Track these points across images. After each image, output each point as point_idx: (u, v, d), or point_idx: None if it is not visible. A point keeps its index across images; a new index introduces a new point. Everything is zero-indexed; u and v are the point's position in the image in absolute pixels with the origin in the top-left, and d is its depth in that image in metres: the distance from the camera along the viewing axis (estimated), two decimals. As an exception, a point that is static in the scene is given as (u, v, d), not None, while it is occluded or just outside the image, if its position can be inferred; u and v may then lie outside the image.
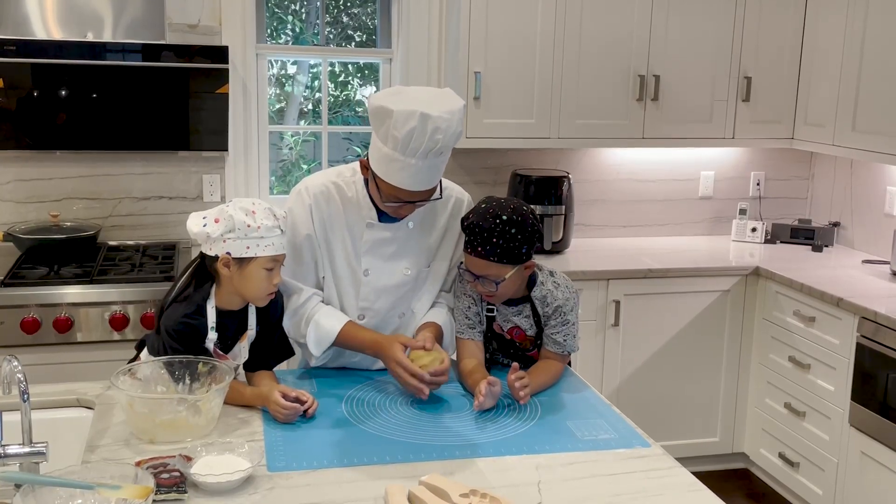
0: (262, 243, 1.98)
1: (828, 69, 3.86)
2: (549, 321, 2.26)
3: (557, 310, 2.24)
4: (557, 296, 2.24)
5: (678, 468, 1.83)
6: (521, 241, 2.12)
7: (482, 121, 3.75)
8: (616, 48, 3.83)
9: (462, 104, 2.07)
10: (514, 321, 2.28)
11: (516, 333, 2.30)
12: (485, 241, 2.10)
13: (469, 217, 2.16)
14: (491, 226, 2.10)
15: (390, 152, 2.01)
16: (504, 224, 2.10)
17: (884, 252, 3.90)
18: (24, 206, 3.66)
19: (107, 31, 3.49)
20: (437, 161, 2.05)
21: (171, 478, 1.65)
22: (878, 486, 3.15)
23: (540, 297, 2.24)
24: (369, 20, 4.29)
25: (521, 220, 2.12)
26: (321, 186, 2.23)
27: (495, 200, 2.17)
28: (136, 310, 3.16)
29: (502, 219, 2.10)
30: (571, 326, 2.27)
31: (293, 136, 4.91)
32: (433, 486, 1.64)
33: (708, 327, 3.84)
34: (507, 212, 2.12)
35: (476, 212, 2.16)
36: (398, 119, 1.97)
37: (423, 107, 1.97)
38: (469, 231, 2.14)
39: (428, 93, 2.09)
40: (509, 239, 2.10)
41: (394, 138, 1.99)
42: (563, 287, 2.26)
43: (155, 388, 1.97)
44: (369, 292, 2.25)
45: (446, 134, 2.00)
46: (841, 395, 3.34)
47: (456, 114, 2.02)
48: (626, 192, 4.32)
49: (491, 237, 2.10)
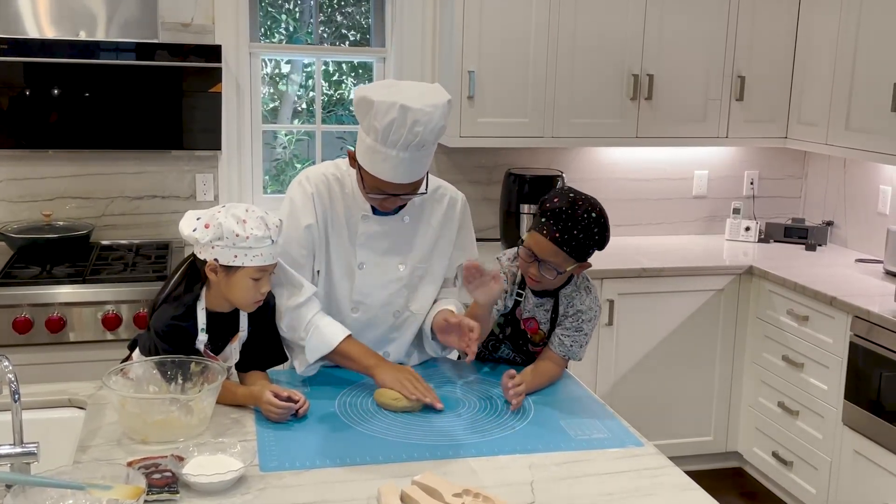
0: (250, 253, 1.96)
1: (821, 69, 3.86)
2: (565, 322, 2.26)
3: (577, 314, 2.25)
4: (584, 300, 2.25)
5: (671, 467, 1.83)
6: (596, 241, 2.14)
7: (476, 120, 3.75)
8: (610, 47, 3.83)
9: (446, 99, 2.05)
10: (533, 313, 2.28)
11: (530, 325, 2.29)
12: (567, 230, 2.10)
13: (554, 201, 2.14)
14: (578, 216, 2.10)
15: (372, 143, 2.01)
16: (590, 220, 2.11)
17: (877, 251, 3.91)
18: (16, 206, 3.65)
19: (99, 29, 3.48)
20: (419, 154, 2.03)
21: (163, 478, 1.65)
22: (872, 485, 3.16)
23: (567, 296, 2.25)
24: (363, 19, 4.29)
25: (604, 221, 2.14)
26: (321, 177, 2.22)
27: (583, 194, 2.16)
28: (129, 309, 3.15)
29: (591, 216, 2.11)
30: (583, 336, 2.27)
31: (287, 135, 4.89)
32: (426, 485, 1.64)
33: (702, 326, 3.84)
34: (597, 210, 2.13)
35: (563, 197, 2.14)
36: (379, 110, 1.98)
37: (404, 99, 1.97)
38: (553, 215, 2.12)
39: (416, 87, 2.08)
40: (589, 235, 2.11)
41: (374, 129, 1.99)
42: (592, 296, 2.27)
43: (147, 387, 1.97)
44: (363, 285, 2.25)
45: (426, 127, 1.98)
46: (834, 394, 3.34)
47: (438, 108, 2.01)
48: (620, 192, 4.32)
49: (574, 227, 2.10)
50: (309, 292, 2.20)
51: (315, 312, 2.19)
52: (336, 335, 2.17)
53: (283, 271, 2.16)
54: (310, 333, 2.17)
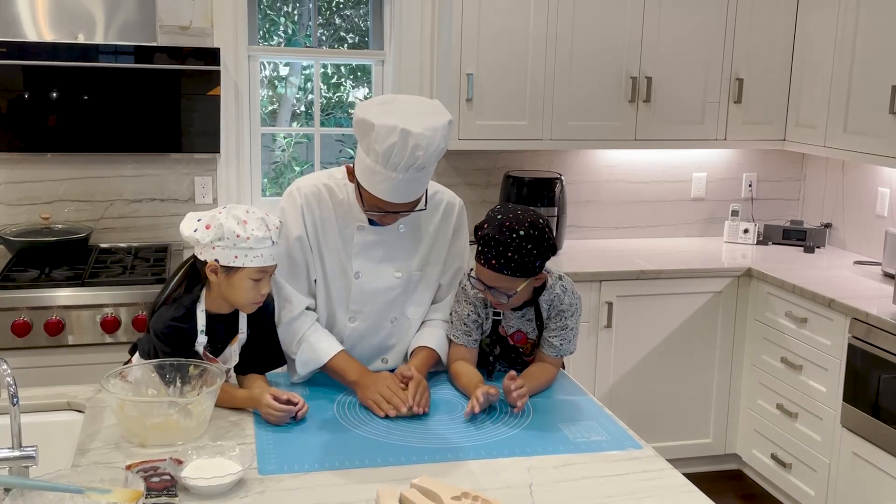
0: (250, 254, 1.96)
1: (819, 71, 3.87)
2: (550, 324, 2.25)
3: (560, 314, 2.24)
4: (564, 300, 2.23)
5: (670, 470, 1.84)
6: (536, 255, 2.09)
7: (474, 122, 3.75)
8: (608, 50, 3.84)
9: (447, 120, 2.03)
10: (518, 325, 2.28)
11: (518, 338, 2.29)
12: (500, 255, 2.07)
13: (484, 228, 2.11)
14: (507, 240, 2.06)
15: (372, 164, 2.00)
16: (521, 239, 2.06)
17: (875, 253, 3.91)
18: (15, 208, 3.65)
19: (98, 32, 3.48)
20: (420, 175, 2.02)
21: (162, 481, 1.65)
22: (870, 487, 3.16)
23: (547, 301, 2.24)
24: (362, 22, 4.29)
25: (537, 234, 2.08)
26: (313, 188, 2.22)
27: (511, 212, 2.11)
28: (128, 312, 3.15)
29: (519, 234, 2.06)
30: (570, 331, 2.26)
31: (285, 138, 4.90)
32: (424, 488, 1.64)
33: (700, 328, 3.85)
34: (525, 226, 2.07)
35: (492, 223, 2.10)
36: (379, 133, 1.96)
37: (404, 122, 1.95)
38: (484, 243, 2.09)
39: (416, 105, 2.06)
40: (525, 254, 2.07)
41: (375, 152, 1.98)
42: (570, 292, 2.25)
43: (146, 390, 1.97)
44: (360, 295, 2.25)
45: (427, 151, 1.97)
46: (833, 396, 3.34)
47: (439, 130, 1.99)
48: (619, 194, 4.32)
49: (506, 251, 2.06)
50: (301, 306, 2.21)
51: (308, 327, 2.21)
52: (326, 352, 2.19)
53: (275, 285, 2.18)
54: (301, 348, 2.20)
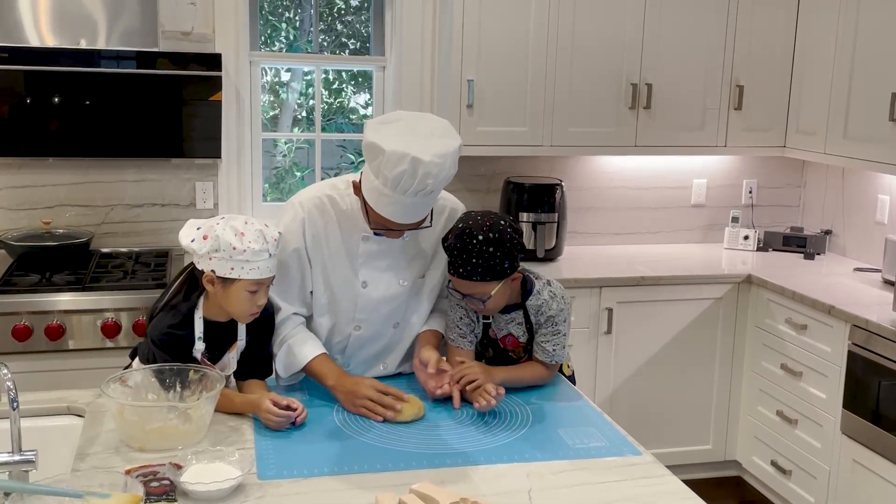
0: (246, 266, 1.96)
1: (819, 77, 3.87)
2: (541, 329, 2.26)
3: (550, 319, 2.25)
4: (552, 306, 2.24)
5: (669, 476, 1.84)
6: (501, 257, 2.09)
7: (475, 129, 3.76)
8: (608, 56, 3.85)
9: (457, 145, 2.02)
10: (508, 329, 2.28)
11: (509, 341, 2.30)
12: (465, 263, 2.08)
13: (447, 238, 2.14)
14: (468, 247, 2.07)
15: (380, 187, 1.99)
16: (481, 244, 2.07)
17: (875, 260, 3.91)
18: (16, 213, 3.65)
19: (100, 38, 3.49)
20: (427, 198, 2.03)
21: (161, 486, 1.65)
22: (870, 494, 3.16)
23: (535, 307, 2.24)
24: (363, 28, 4.30)
25: (497, 236, 2.09)
26: (315, 199, 2.22)
27: (472, 218, 2.13)
28: (129, 317, 3.16)
29: (478, 239, 2.07)
30: (562, 337, 2.27)
31: (287, 144, 4.91)
32: (423, 494, 1.64)
33: (700, 335, 3.85)
34: (483, 230, 2.08)
35: (453, 232, 2.13)
36: (389, 159, 1.95)
37: (415, 149, 1.94)
38: (448, 253, 2.12)
39: (426, 127, 2.04)
40: (489, 258, 2.08)
41: (384, 176, 1.97)
42: (559, 297, 2.26)
43: (145, 395, 1.97)
44: (367, 304, 2.25)
45: (437, 178, 1.97)
46: (833, 403, 3.34)
47: (449, 157, 1.99)
48: (619, 200, 4.33)
49: (470, 258, 2.08)
50: (288, 312, 2.22)
51: (290, 329, 2.22)
52: (305, 356, 2.19)
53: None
54: (282, 350, 2.20)
